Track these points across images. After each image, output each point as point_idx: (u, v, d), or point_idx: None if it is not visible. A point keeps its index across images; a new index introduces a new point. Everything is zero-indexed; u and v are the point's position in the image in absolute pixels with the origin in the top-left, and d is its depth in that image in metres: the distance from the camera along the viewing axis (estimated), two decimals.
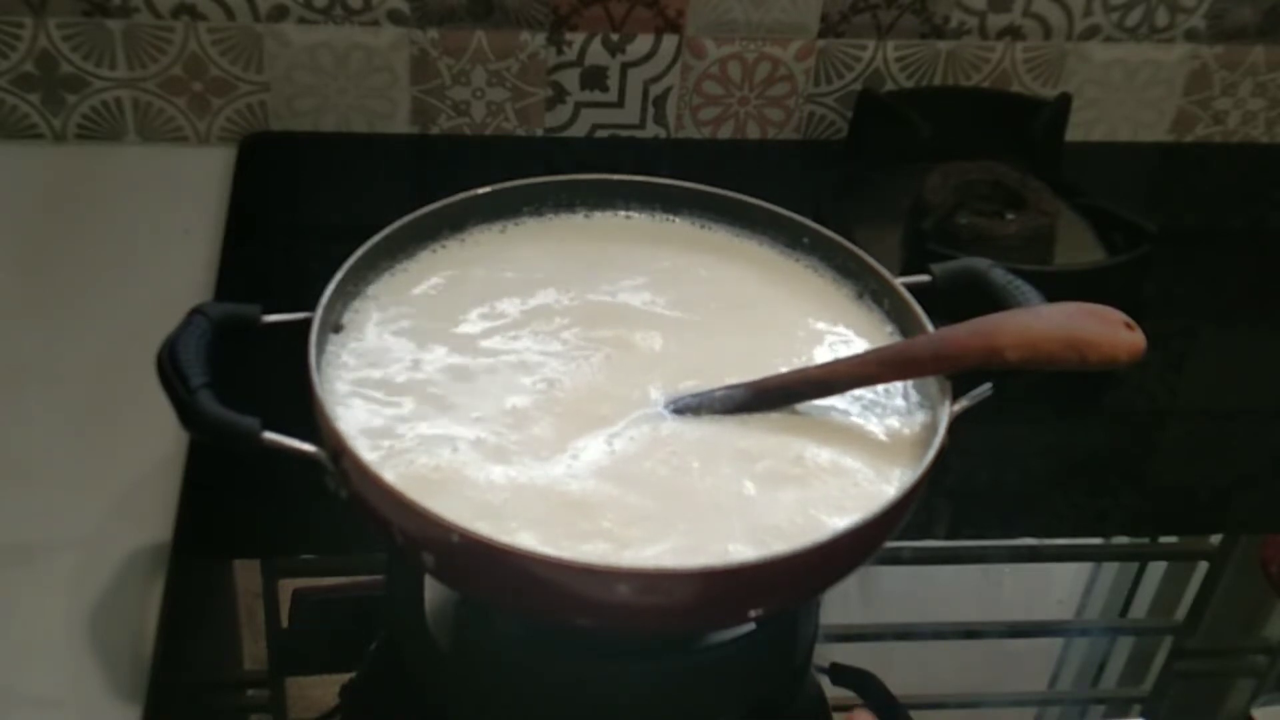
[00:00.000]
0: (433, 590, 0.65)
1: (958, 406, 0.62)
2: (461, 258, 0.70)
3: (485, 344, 0.66)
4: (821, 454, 0.61)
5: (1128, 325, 0.60)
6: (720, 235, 0.73)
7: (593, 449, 0.60)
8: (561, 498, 0.58)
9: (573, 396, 0.63)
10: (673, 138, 1.03)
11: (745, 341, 0.68)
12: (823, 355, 0.67)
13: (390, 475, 0.56)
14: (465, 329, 0.66)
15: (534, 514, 0.57)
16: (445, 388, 0.63)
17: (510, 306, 0.68)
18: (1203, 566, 0.78)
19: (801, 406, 0.64)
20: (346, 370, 0.63)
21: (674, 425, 0.62)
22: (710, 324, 0.69)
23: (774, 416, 0.63)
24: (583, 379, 0.64)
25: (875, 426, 0.64)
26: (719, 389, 0.63)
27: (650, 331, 0.67)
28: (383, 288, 0.68)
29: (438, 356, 0.65)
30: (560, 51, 0.98)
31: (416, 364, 0.64)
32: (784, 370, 0.65)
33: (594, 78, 1.00)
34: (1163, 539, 0.81)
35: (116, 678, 0.63)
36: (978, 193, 0.91)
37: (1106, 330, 0.60)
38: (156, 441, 0.72)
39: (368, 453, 0.58)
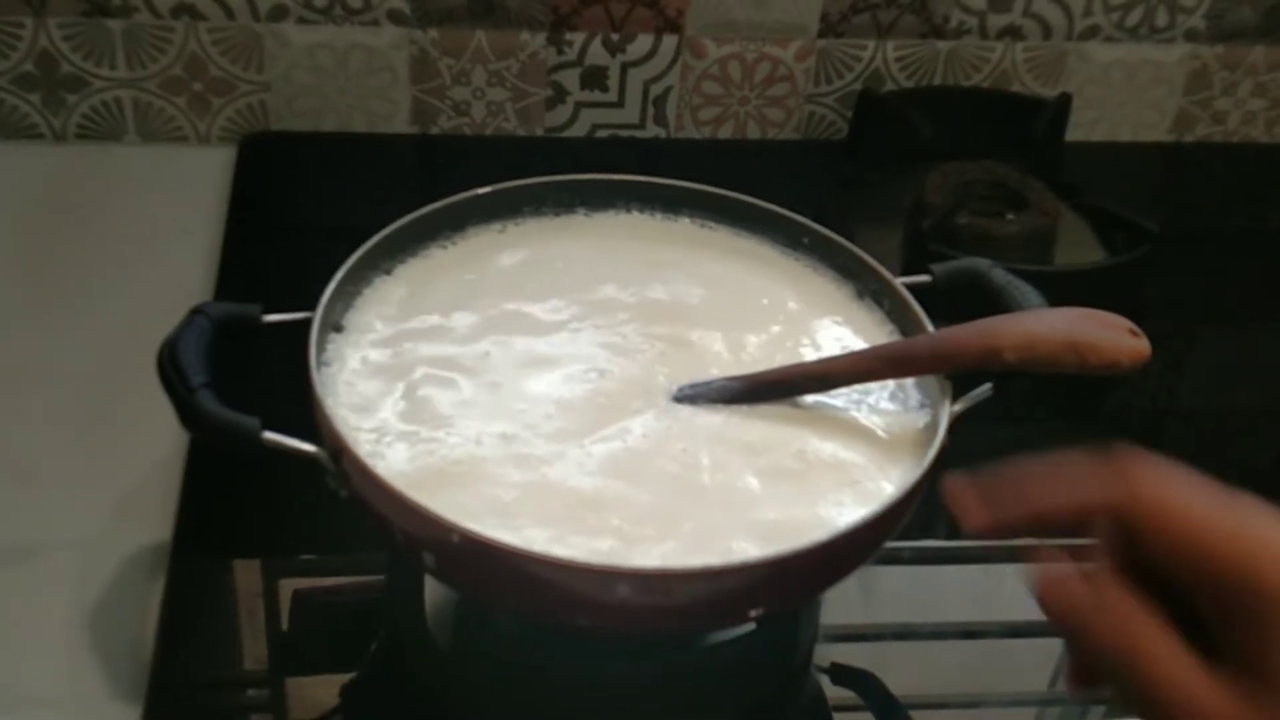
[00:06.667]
0: (433, 590, 0.65)
1: (958, 407, 0.62)
2: (464, 256, 0.70)
3: (500, 340, 0.66)
4: (824, 451, 0.61)
5: (1132, 331, 0.60)
6: (721, 235, 0.73)
7: (605, 444, 0.60)
8: (573, 494, 0.58)
9: (590, 393, 0.63)
10: (673, 138, 1.03)
11: (753, 342, 0.67)
12: (824, 354, 0.67)
13: (409, 468, 0.56)
14: (478, 327, 0.66)
15: (544, 511, 0.57)
16: (460, 381, 0.63)
17: (507, 305, 0.68)
18: None
19: (809, 402, 0.64)
20: (376, 351, 0.63)
21: (684, 419, 0.62)
22: (723, 324, 0.68)
23: (781, 410, 0.63)
24: (601, 376, 0.64)
25: (877, 426, 0.64)
26: (716, 380, 0.63)
27: (658, 328, 0.67)
28: (382, 287, 0.68)
29: (458, 347, 0.65)
30: (560, 51, 0.98)
31: (432, 357, 0.64)
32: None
33: (594, 78, 1.00)
34: None
35: (116, 678, 0.63)
36: (978, 193, 0.91)
37: (1108, 334, 0.60)
38: (156, 441, 0.72)
39: (384, 445, 0.58)
